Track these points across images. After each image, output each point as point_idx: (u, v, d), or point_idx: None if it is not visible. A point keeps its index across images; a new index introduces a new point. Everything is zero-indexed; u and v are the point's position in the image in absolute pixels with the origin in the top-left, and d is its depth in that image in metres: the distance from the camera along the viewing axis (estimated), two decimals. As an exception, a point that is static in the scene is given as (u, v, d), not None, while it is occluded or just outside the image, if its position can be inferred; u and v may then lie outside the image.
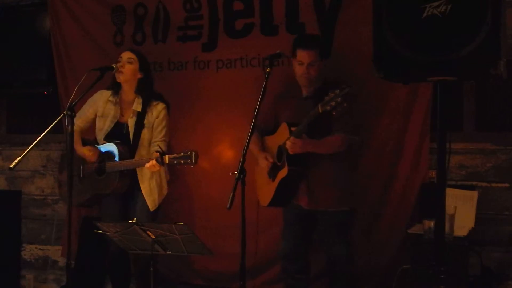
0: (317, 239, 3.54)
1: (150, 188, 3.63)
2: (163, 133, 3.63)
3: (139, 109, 3.62)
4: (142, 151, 3.60)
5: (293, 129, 3.29)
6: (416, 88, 3.59)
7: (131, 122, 3.62)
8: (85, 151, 3.63)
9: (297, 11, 3.88)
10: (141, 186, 3.61)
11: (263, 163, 3.47)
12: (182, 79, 4.21)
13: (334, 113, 3.00)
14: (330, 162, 3.33)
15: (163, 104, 3.66)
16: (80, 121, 3.73)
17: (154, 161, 3.34)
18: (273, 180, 3.44)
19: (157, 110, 3.63)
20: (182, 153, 3.27)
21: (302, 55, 3.37)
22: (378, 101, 3.70)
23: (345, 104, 2.97)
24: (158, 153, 3.34)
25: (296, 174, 3.35)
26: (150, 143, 3.63)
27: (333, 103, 2.98)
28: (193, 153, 3.23)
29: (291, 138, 3.24)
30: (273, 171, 3.45)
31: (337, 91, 2.98)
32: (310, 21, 3.85)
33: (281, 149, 3.38)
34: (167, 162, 3.32)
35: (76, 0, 4.50)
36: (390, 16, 2.59)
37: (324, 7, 3.81)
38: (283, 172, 3.35)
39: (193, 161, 3.23)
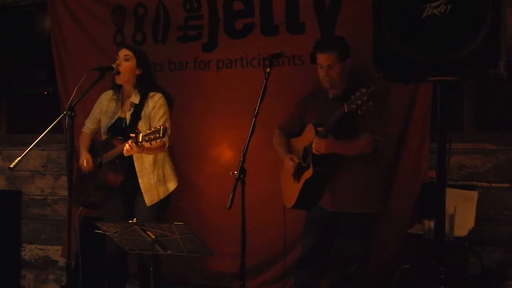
0: (337, 239, 3.54)
1: (150, 183, 3.61)
2: (161, 123, 3.52)
3: (136, 101, 3.60)
4: None
5: (319, 129, 3.27)
6: (416, 88, 3.59)
7: (128, 115, 3.62)
8: (81, 159, 3.68)
9: (297, 11, 3.89)
10: (140, 181, 3.59)
11: (289, 164, 3.46)
12: (183, 79, 4.21)
13: (359, 111, 2.97)
14: (356, 163, 3.31)
15: (160, 94, 3.63)
16: (90, 124, 3.84)
17: (129, 142, 3.31)
18: (298, 182, 3.42)
19: (154, 101, 3.60)
20: (152, 129, 3.24)
21: (321, 58, 3.38)
22: (378, 101, 3.70)
23: (370, 103, 2.95)
24: (133, 134, 3.30)
25: (322, 175, 3.32)
26: None
27: (359, 102, 2.96)
28: (162, 127, 3.18)
29: (316, 138, 3.22)
30: (298, 172, 3.43)
31: (363, 90, 2.95)
32: (310, 21, 3.85)
33: (307, 150, 3.37)
34: (140, 140, 3.26)
35: (76, 0, 4.50)
36: (390, 16, 2.59)
37: (324, 7, 3.81)
38: (308, 173, 3.32)
39: (160, 134, 3.17)
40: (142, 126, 3.57)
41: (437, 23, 2.46)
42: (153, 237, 2.93)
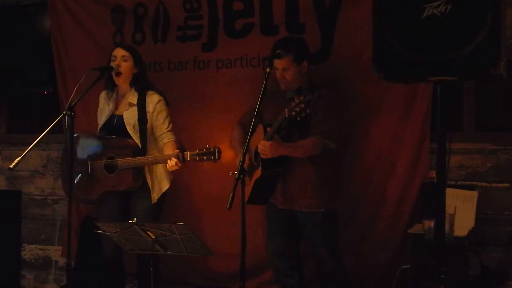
0: (304, 240, 3.58)
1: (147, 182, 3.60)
2: (166, 124, 3.59)
3: (135, 101, 3.60)
4: (152, 146, 3.59)
5: (268, 129, 3.31)
6: (416, 88, 3.59)
7: (126, 114, 3.60)
8: None
9: (297, 11, 3.88)
10: None
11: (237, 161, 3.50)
12: (182, 79, 4.21)
13: (298, 118, 3.04)
14: (304, 164, 3.37)
15: (159, 95, 3.63)
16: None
17: (175, 160, 3.29)
18: (250, 180, 3.47)
19: (153, 102, 3.60)
20: (204, 149, 3.23)
21: (275, 62, 3.38)
22: (378, 101, 3.70)
23: (308, 111, 3.02)
24: (178, 150, 3.29)
25: (270, 175, 3.40)
26: (152, 134, 3.60)
27: (297, 109, 3.03)
28: (216, 148, 3.20)
29: (262, 141, 3.27)
30: (250, 171, 3.48)
31: (301, 98, 3.03)
32: (310, 21, 3.84)
33: (257, 151, 3.40)
34: (188, 159, 3.27)
35: (76, 0, 4.50)
36: (390, 16, 2.59)
37: (324, 7, 3.81)
38: (257, 173, 3.40)
39: (216, 157, 3.20)
40: (149, 125, 3.59)
41: (437, 23, 2.46)
42: (153, 237, 2.93)
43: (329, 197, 3.45)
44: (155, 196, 3.61)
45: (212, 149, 3.23)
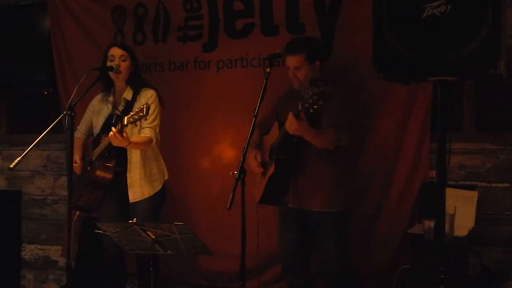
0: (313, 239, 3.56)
1: (135, 179, 3.58)
2: (150, 119, 3.50)
3: (129, 98, 3.61)
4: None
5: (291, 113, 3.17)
6: (416, 88, 3.59)
7: (121, 110, 3.61)
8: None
9: (297, 11, 3.89)
10: (127, 176, 3.57)
11: (251, 162, 3.48)
12: (183, 79, 4.21)
13: (311, 110, 2.95)
14: (317, 162, 3.33)
15: (153, 90, 3.63)
16: (83, 128, 3.82)
17: (113, 128, 3.24)
18: (264, 177, 3.46)
19: (146, 96, 3.59)
20: (136, 109, 3.19)
21: (288, 60, 3.39)
22: (378, 101, 3.70)
23: (320, 102, 2.91)
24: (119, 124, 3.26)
25: (283, 172, 3.35)
26: (139, 131, 3.56)
27: (310, 101, 2.95)
28: (145, 105, 3.15)
29: (290, 115, 3.13)
30: (265, 169, 3.46)
31: (315, 89, 2.93)
32: (310, 21, 3.85)
33: (272, 147, 3.39)
34: (125, 123, 3.20)
35: (76, 0, 4.51)
36: (390, 16, 2.59)
37: (324, 7, 3.81)
38: (271, 170, 3.36)
39: (144, 112, 3.14)
40: None
41: (437, 23, 2.46)
42: (153, 237, 2.93)
43: (343, 197, 3.39)
44: (145, 193, 3.61)
45: (141, 106, 3.17)
